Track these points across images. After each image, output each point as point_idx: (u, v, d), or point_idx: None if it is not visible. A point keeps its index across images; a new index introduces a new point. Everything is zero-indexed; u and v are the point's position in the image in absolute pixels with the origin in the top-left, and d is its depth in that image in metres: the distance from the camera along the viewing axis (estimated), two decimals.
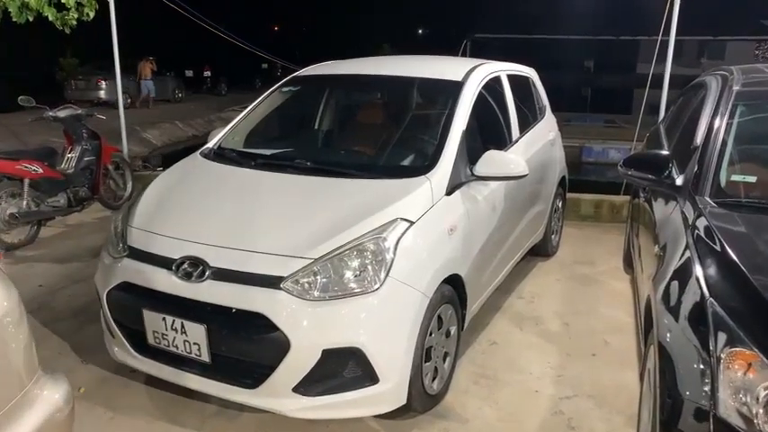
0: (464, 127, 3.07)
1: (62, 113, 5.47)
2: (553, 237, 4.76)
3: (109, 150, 5.85)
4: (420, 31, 46.13)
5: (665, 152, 2.89)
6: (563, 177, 4.80)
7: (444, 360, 2.80)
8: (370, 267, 2.37)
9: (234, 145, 3.48)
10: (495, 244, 3.30)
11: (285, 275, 2.32)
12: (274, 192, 2.87)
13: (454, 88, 3.30)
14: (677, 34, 5.87)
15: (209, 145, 3.48)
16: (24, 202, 4.83)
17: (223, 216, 2.69)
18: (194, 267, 2.43)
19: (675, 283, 2.03)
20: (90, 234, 5.39)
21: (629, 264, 4.40)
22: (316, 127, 3.99)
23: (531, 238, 4.21)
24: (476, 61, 3.75)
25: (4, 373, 1.49)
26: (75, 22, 5.49)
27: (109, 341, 2.82)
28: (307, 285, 2.32)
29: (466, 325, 3.08)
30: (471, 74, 3.44)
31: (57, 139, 7.23)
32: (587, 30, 26.49)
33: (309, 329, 2.28)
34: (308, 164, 3.06)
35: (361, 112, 3.90)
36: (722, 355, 1.61)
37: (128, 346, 2.66)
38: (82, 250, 4.92)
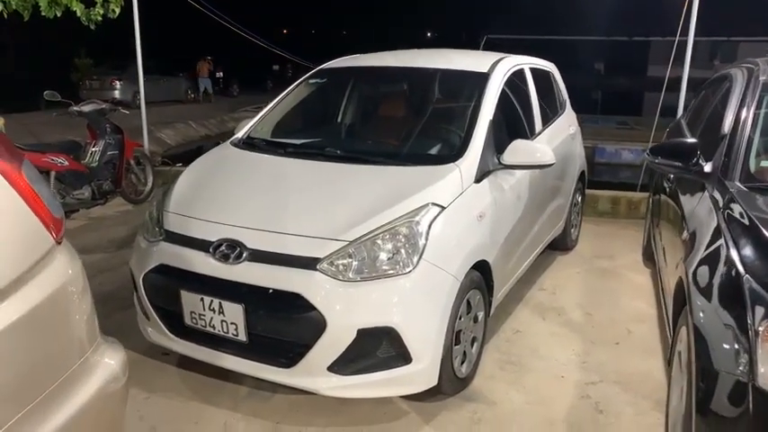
0: (491, 116, 3.12)
1: (86, 108, 5.58)
2: (572, 230, 4.79)
3: (131, 145, 5.93)
4: (429, 34, 46.15)
5: (691, 140, 2.91)
6: (582, 172, 4.82)
7: (472, 345, 2.85)
8: (403, 250, 2.42)
9: (262, 135, 3.53)
10: (519, 233, 3.34)
11: (321, 257, 2.37)
12: (307, 178, 2.92)
13: (481, 79, 3.34)
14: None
15: (238, 135, 3.53)
16: None
17: (258, 200, 2.75)
18: (231, 249, 2.48)
19: (708, 265, 2.07)
20: (113, 227, 5.47)
21: (648, 257, 4.43)
22: (344, 117, 4.03)
23: (552, 231, 4.24)
24: (499, 54, 3.79)
25: (66, 339, 1.53)
26: (100, 18, 5.58)
27: (143, 323, 2.87)
28: (342, 267, 2.37)
29: (492, 312, 3.12)
30: (497, 66, 3.49)
31: (73, 138, 7.30)
32: (598, 32, 26.49)
33: (345, 309, 2.32)
34: (339, 152, 3.12)
35: (389, 103, 3.94)
36: (760, 329, 1.64)
37: (163, 327, 2.71)
38: (106, 242, 5.00)
